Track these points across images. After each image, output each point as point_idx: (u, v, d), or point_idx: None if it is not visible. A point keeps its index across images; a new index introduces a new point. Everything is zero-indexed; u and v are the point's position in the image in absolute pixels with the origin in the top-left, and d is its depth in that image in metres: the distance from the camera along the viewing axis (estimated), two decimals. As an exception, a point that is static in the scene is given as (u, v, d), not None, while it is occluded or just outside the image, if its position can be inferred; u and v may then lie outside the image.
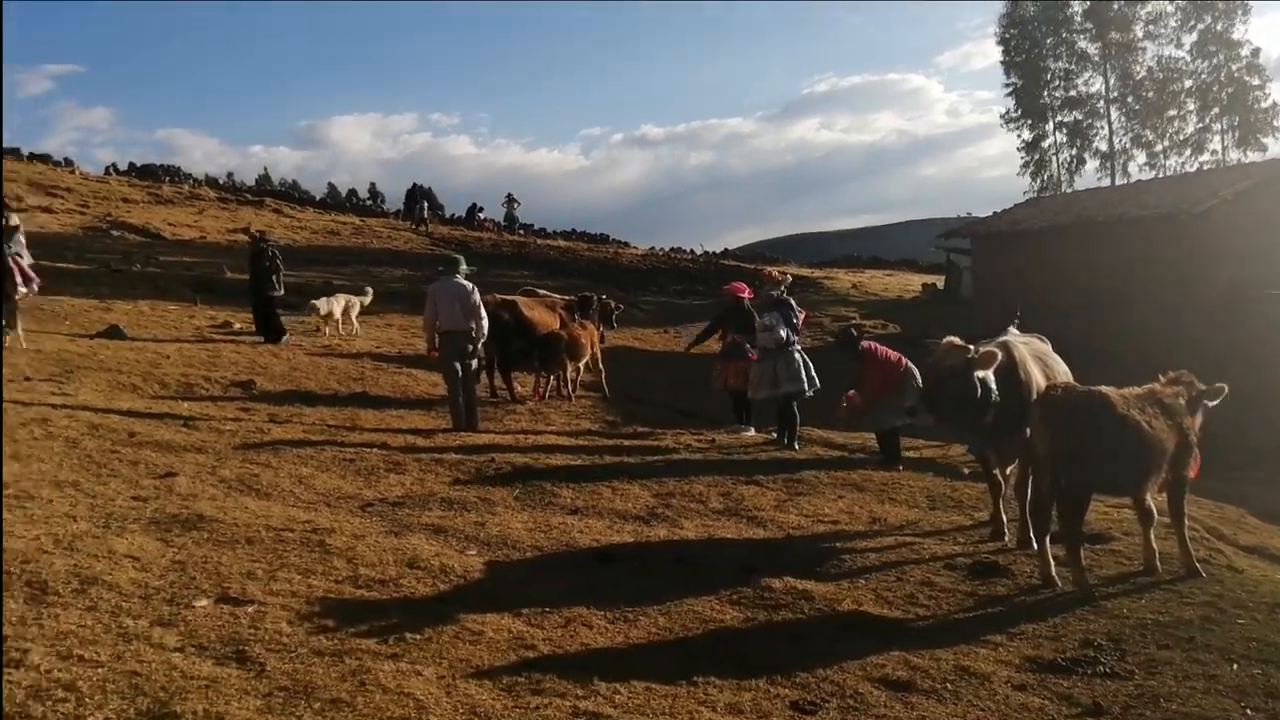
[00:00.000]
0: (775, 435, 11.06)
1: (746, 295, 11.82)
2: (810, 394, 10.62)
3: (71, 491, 6.20)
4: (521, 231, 43.29)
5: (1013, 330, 7.71)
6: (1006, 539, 7.12)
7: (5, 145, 41.03)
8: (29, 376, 10.47)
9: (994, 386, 6.64)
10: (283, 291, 16.07)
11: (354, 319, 17.31)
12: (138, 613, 4.42)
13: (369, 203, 51.30)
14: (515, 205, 42.91)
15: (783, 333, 10.45)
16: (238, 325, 16.63)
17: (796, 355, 10.59)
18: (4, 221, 15.65)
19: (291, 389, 12.25)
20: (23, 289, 14.99)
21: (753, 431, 11.60)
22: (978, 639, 5.23)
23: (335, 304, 16.86)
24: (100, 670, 3.74)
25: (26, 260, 15.22)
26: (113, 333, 14.70)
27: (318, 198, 53.47)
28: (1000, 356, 6.68)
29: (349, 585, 5.22)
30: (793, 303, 10.94)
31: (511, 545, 6.47)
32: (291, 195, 49.54)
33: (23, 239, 15.49)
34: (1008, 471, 7.33)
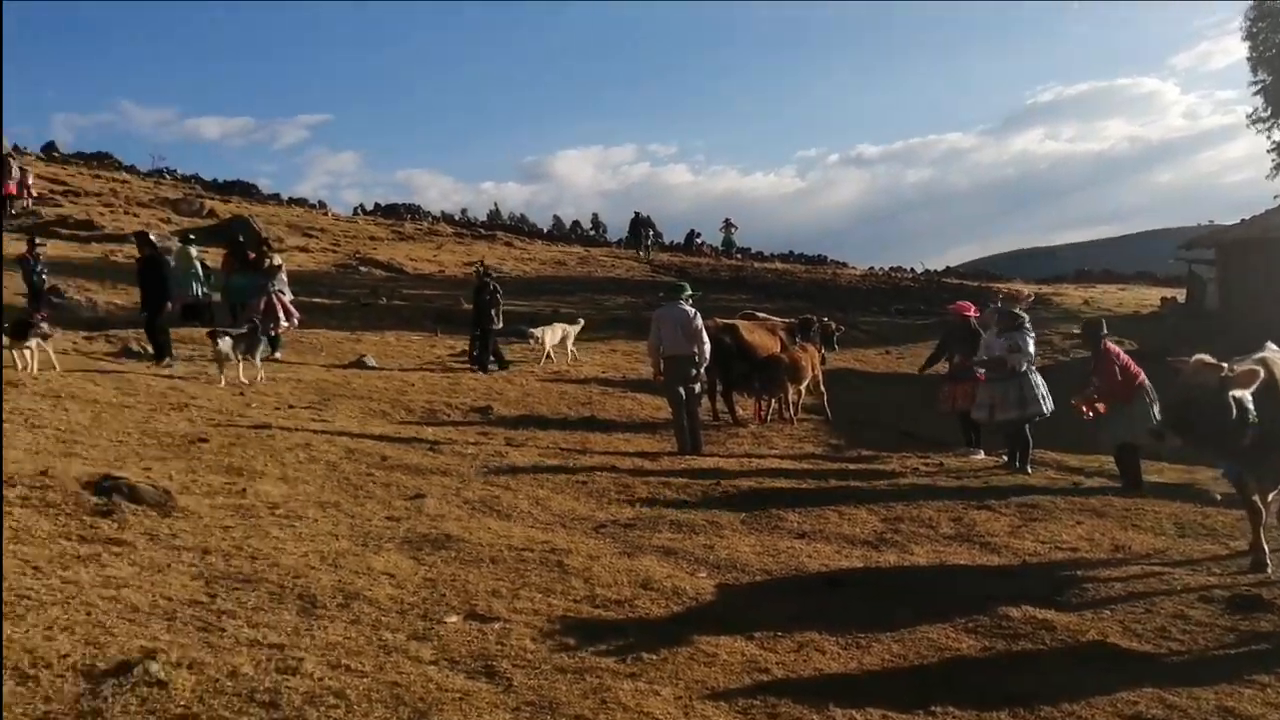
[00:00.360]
0: (1006, 458, 10.65)
1: (972, 314, 11.47)
2: (1044, 415, 10.17)
3: (333, 511, 6.69)
4: (739, 255, 43.49)
5: (1271, 346, 7.13)
6: (1269, 570, 6.57)
7: (268, 191, 44.77)
8: (292, 404, 11.36)
9: (1251, 407, 6.16)
10: (502, 324, 16.77)
11: (569, 347, 17.88)
12: (395, 626, 4.72)
13: (592, 233, 52.82)
14: (732, 230, 43.18)
15: (1031, 353, 10.10)
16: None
17: (1031, 376, 10.17)
18: (269, 261, 17.10)
19: (525, 413, 12.77)
20: (285, 323, 16.35)
21: (982, 454, 11.22)
22: (1242, 678, 4.84)
23: (551, 333, 17.47)
24: (365, 680, 4.01)
25: (288, 297, 16.58)
26: (362, 362, 15.76)
27: (544, 230, 55.64)
28: (1262, 375, 6.19)
29: (587, 605, 5.39)
30: (1027, 321, 10.52)
31: (740, 568, 6.50)
32: (520, 229, 51.79)
33: (284, 277, 16.89)
34: (1269, 498, 6.78)
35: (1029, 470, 10.14)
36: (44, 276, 18.33)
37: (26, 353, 10.80)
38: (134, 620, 4.31)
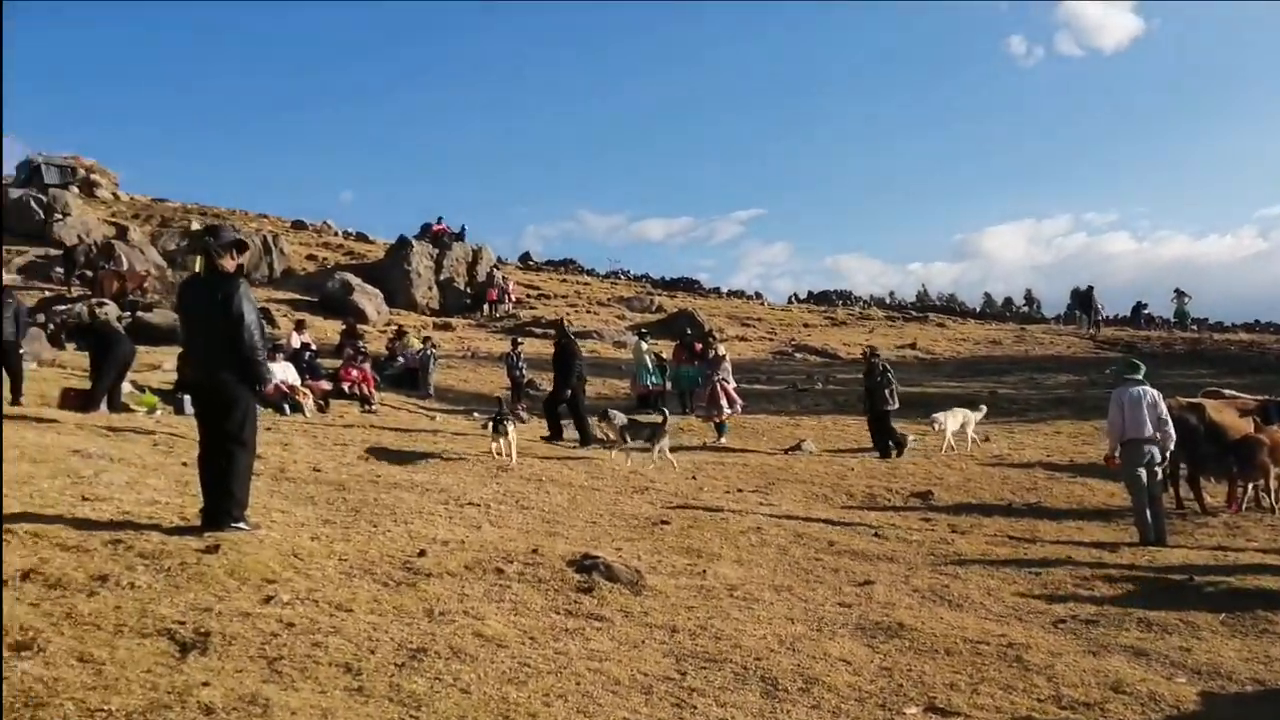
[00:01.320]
0: None
1: None
2: None
3: (787, 595, 6.94)
4: (1194, 327, 39.58)
5: None
6: None
7: (708, 285, 47.59)
8: (740, 488, 11.92)
9: None
10: (896, 405, 16.36)
11: (970, 433, 17.06)
12: (855, 714, 4.80)
13: (1025, 309, 50.62)
14: (1185, 299, 39.38)
15: None
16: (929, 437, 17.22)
17: None
18: (713, 352, 18.13)
19: (967, 499, 12.42)
20: (728, 410, 17.20)
21: None
22: None
23: (952, 419, 16.73)
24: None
25: (731, 384, 17.44)
26: (802, 447, 16.17)
27: (976, 308, 54.17)
28: None
29: (1052, 705, 5.15)
30: None
31: (1225, 675, 5.88)
32: (951, 308, 50.82)
33: (728, 366, 17.80)
34: None
35: None
36: (523, 371, 20.76)
37: (504, 441, 12.18)
38: (616, 693, 4.73)
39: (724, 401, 17.17)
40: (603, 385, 24.80)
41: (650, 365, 21.67)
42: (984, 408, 18.67)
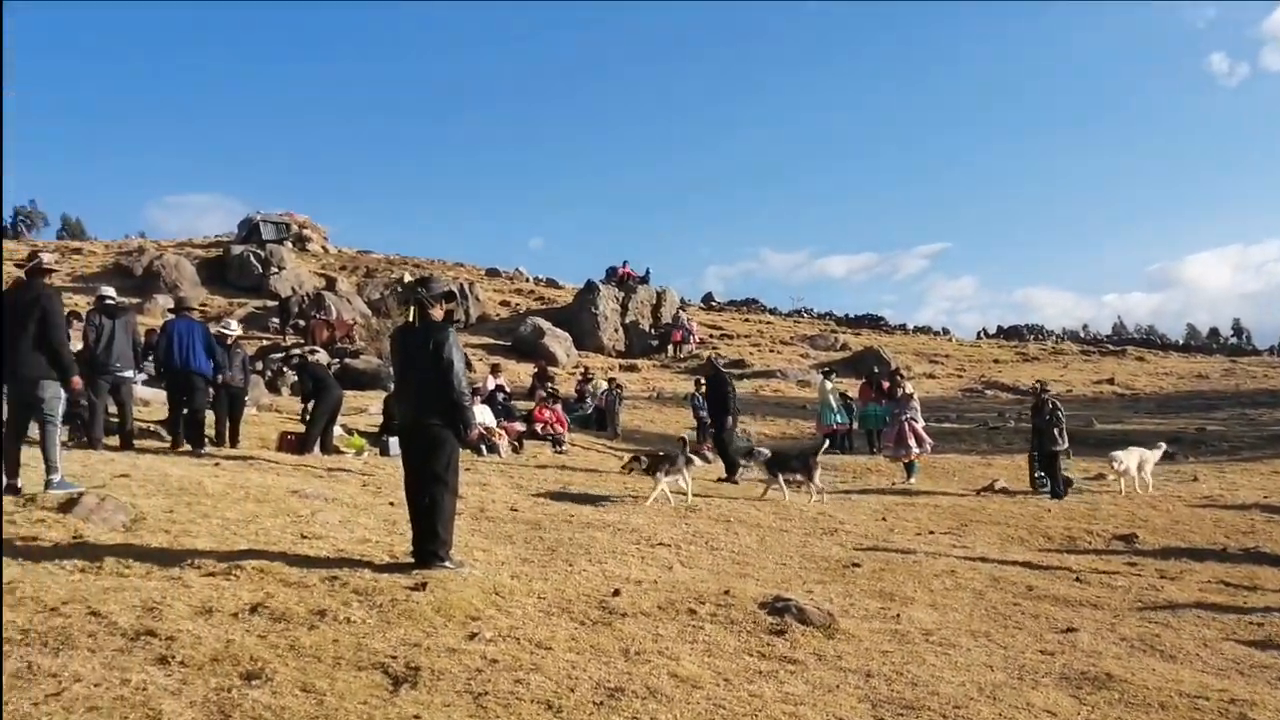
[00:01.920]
0: None
1: None
2: None
3: (985, 641, 6.75)
4: None
5: None
6: None
7: (893, 322, 46.70)
8: (932, 529, 11.65)
9: None
10: (1066, 445, 15.54)
11: (1147, 474, 16.05)
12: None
13: (1233, 340, 47.51)
14: None
15: None
16: (1109, 476, 16.47)
17: None
18: (901, 390, 17.83)
19: (1176, 543, 11.76)
20: (916, 449, 16.87)
21: None
22: None
23: (1129, 458, 15.81)
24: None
25: (920, 423, 17.09)
26: (994, 487, 15.67)
27: (1178, 341, 51.23)
28: None
29: (1280, 767, 4.84)
30: None
31: None
32: (1151, 341, 48.27)
33: (917, 405, 17.45)
34: None
35: None
36: (705, 414, 20.91)
37: (669, 481, 12.23)
38: (813, 736, 4.74)
39: (912, 441, 16.83)
40: (788, 425, 24.72)
41: (835, 404, 21.48)
42: (1163, 445, 17.69)
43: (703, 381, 21.43)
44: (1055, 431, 15.38)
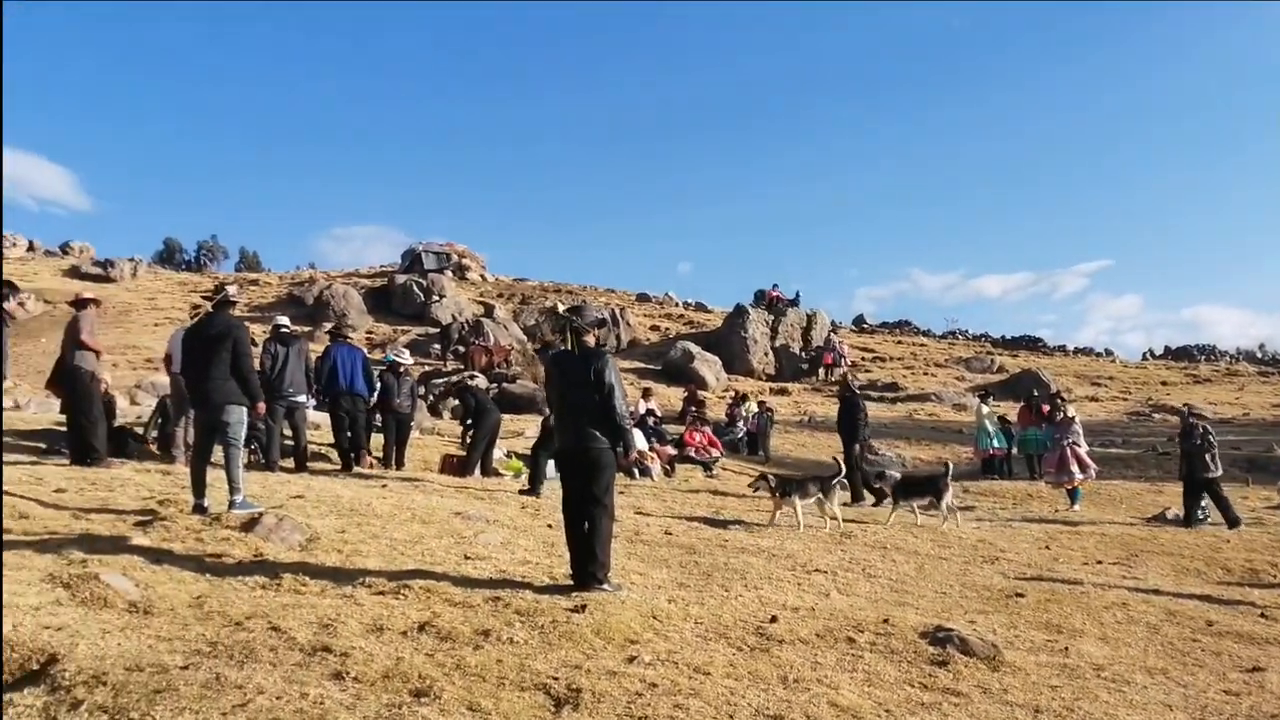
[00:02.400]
0: None
1: None
2: None
3: (1161, 679, 6.42)
4: None
5: None
6: None
7: (1051, 343, 45.08)
8: (1099, 559, 11.16)
9: None
10: (1220, 471, 14.47)
11: None
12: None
13: None
14: None
15: None
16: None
17: None
18: (1061, 414, 17.18)
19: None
20: (1080, 475, 16.22)
21: None
22: None
23: None
24: None
25: (1083, 448, 16.43)
26: (1164, 516, 14.90)
27: (1380, 356, 47.77)
28: None
29: None
30: None
31: None
32: (1343, 359, 45.11)
33: (1079, 428, 16.81)
34: None
35: None
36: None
37: (830, 505, 12.00)
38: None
39: (1075, 466, 16.19)
40: (943, 449, 24.10)
41: (993, 428, 20.85)
42: None
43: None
44: (1207, 458, 14.45)
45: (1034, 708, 5.54)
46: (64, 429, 12.12)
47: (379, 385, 13.87)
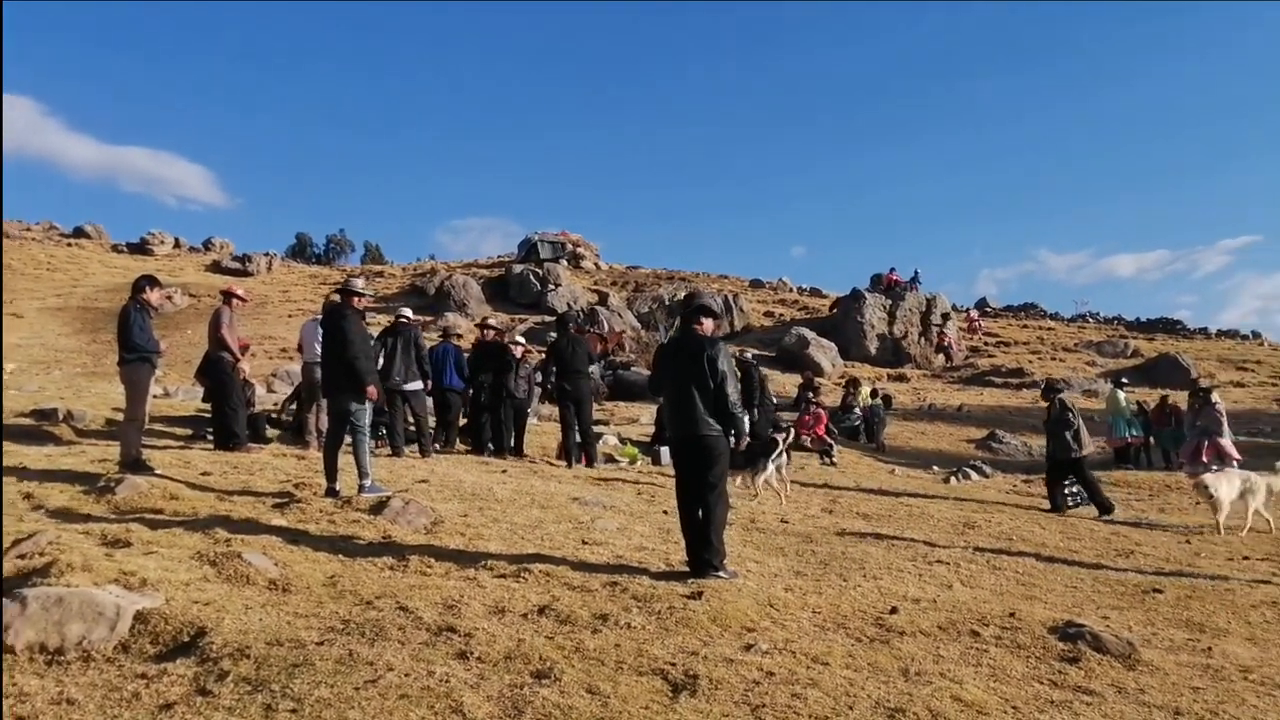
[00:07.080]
0: None
1: None
2: None
3: (1314, 683, 6.08)
4: None
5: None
6: None
7: (1192, 325, 43.14)
8: (1246, 555, 10.63)
9: None
10: None
11: None
12: None
13: None
14: None
15: None
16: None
17: None
18: (1197, 401, 16.42)
19: None
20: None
21: None
22: None
23: None
24: None
25: (1226, 438, 15.70)
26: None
27: None
28: None
29: None
30: None
31: None
32: None
33: (1223, 415, 16.06)
34: None
35: None
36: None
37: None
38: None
39: (1207, 457, 15.45)
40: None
41: (1128, 416, 20.06)
42: None
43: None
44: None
45: (1174, 709, 5.29)
46: (208, 415, 12.70)
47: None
